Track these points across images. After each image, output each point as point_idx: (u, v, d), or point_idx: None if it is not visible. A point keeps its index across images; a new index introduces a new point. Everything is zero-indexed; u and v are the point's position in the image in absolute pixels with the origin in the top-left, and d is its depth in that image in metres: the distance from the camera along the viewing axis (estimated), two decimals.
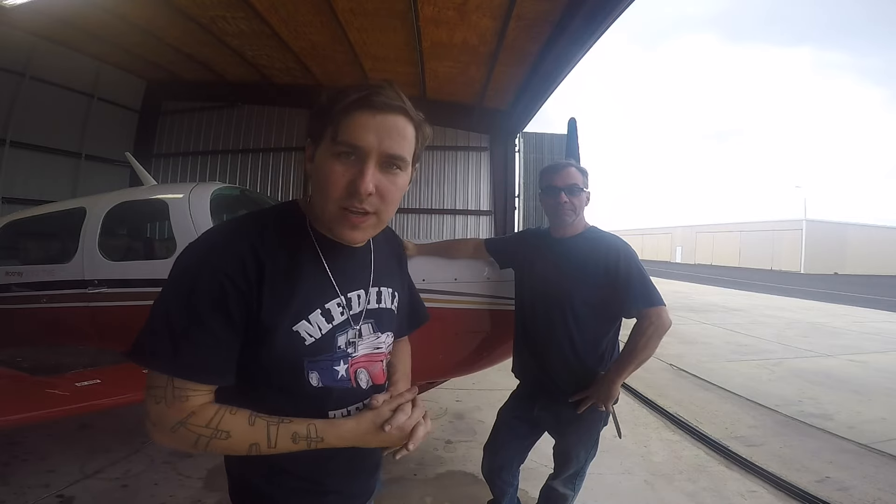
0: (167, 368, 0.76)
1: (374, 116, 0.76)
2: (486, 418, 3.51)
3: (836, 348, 6.73)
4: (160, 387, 0.77)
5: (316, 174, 0.80)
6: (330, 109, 0.78)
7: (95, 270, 2.78)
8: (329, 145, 0.78)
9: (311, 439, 0.81)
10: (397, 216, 9.08)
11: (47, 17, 6.20)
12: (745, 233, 38.67)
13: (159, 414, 0.77)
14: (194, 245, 0.81)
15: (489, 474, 2.08)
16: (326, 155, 0.79)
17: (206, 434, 0.77)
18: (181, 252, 0.80)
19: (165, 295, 0.78)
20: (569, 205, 1.77)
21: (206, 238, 0.82)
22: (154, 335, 0.77)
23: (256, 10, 5.97)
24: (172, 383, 0.76)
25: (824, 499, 2.62)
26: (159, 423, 0.77)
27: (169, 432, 0.77)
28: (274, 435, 0.79)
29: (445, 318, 2.30)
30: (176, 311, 0.76)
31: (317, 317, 0.84)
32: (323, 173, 0.78)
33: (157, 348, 0.76)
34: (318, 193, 0.80)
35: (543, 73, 6.38)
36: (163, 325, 0.76)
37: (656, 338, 1.67)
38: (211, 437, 0.77)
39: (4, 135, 6.92)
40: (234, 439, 0.78)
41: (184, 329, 0.75)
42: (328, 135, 0.78)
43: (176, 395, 0.76)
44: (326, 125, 0.79)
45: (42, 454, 2.91)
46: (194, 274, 0.77)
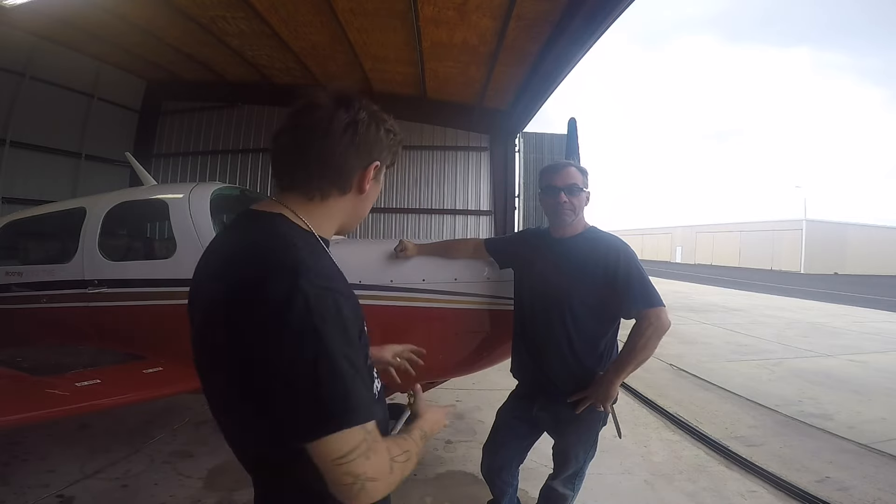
0: (366, 416, 0.71)
1: None
2: (485, 418, 3.50)
3: (836, 348, 6.73)
4: (362, 442, 0.69)
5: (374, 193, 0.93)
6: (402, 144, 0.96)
7: (95, 270, 2.78)
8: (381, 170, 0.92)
9: (424, 434, 0.94)
10: (397, 216, 9.13)
11: (47, 17, 6.19)
12: (745, 233, 38.65)
13: (376, 468, 0.71)
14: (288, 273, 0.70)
15: (488, 474, 2.08)
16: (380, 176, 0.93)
17: (402, 460, 0.80)
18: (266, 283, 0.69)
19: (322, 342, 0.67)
20: (568, 205, 1.77)
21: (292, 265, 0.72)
22: (352, 390, 0.69)
23: (256, 10, 5.97)
24: (366, 429, 0.70)
25: (824, 499, 2.62)
26: (380, 476, 0.72)
27: (388, 477, 0.74)
28: (417, 441, 0.90)
29: (445, 318, 2.31)
30: (350, 350, 0.71)
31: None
32: (379, 186, 0.94)
33: (362, 398, 0.71)
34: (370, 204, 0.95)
35: (543, 73, 6.37)
36: (351, 371, 0.69)
37: (655, 338, 1.67)
38: (403, 466, 0.80)
39: (4, 135, 6.92)
40: (410, 462, 0.83)
41: (361, 368, 0.73)
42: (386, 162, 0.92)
43: (375, 439, 0.72)
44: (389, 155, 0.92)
45: (42, 454, 2.91)
46: (335, 308, 0.71)
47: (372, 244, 2.26)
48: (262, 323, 0.68)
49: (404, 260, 2.30)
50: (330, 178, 0.85)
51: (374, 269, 2.35)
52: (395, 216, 9.14)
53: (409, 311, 2.30)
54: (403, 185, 9.11)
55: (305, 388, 0.67)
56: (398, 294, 2.30)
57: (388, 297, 2.31)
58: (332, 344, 0.68)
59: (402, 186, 9.11)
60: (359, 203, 0.92)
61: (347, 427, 0.68)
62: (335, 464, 0.68)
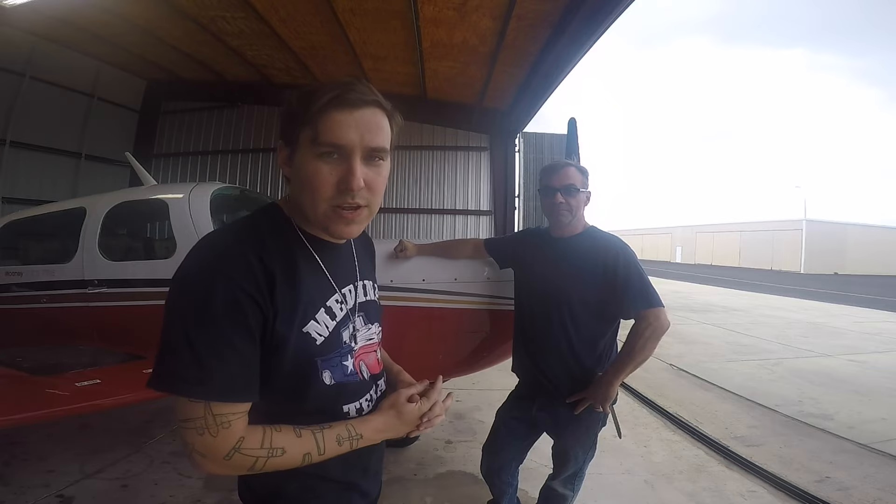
0: (203, 394, 0.73)
1: (351, 113, 0.78)
2: (485, 418, 3.50)
3: (836, 348, 6.73)
4: (198, 417, 0.73)
5: (300, 177, 0.80)
6: (304, 111, 0.78)
7: (95, 270, 2.78)
8: (309, 147, 0.78)
9: (352, 438, 0.84)
10: (397, 216, 9.13)
11: (47, 17, 6.19)
12: (745, 233, 38.65)
13: (207, 445, 0.74)
14: (196, 257, 0.77)
15: (488, 475, 2.08)
16: (309, 157, 0.79)
17: (263, 455, 0.77)
18: (182, 266, 0.76)
19: (178, 313, 0.74)
20: (565, 205, 1.77)
21: (209, 249, 0.78)
22: (179, 359, 0.72)
23: (256, 10, 5.97)
24: (211, 410, 0.73)
25: (824, 499, 2.62)
26: (210, 455, 0.75)
27: (223, 461, 0.75)
28: (321, 441, 0.81)
29: (445, 318, 2.31)
30: (197, 330, 0.72)
31: (322, 315, 0.85)
32: (309, 175, 0.79)
33: (187, 373, 0.72)
34: (307, 195, 0.80)
35: (543, 74, 6.37)
36: (185, 346, 0.72)
37: (654, 339, 1.67)
38: (268, 457, 0.78)
39: (4, 135, 6.92)
40: (288, 454, 0.79)
41: (210, 349, 0.72)
42: (306, 137, 0.79)
43: (219, 423, 0.74)
44: (302, 127, 0.79)
45: (42, 454, 2.91)
46: (207, 288, 0.73)
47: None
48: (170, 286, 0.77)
49: (404, 260, 2.30)
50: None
51: None
52: (395, 216, 9.14)
53: (409, 311, 2.30)
54: (403, 185, 9.11)
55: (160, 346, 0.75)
56: (398, 294, 2.30)
57: (387, 297, 2.30)
58: (178, 318, 0.73)
59: (402, 186, 9.11)
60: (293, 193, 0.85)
61: (176, 394, 0.73)
62: (179, 425, 0.76)
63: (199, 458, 0.75)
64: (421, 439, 3.18)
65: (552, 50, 5.73)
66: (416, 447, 3.14)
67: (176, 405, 0.75)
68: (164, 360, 0.74)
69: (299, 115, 0.79)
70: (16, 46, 6.69)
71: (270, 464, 0.78)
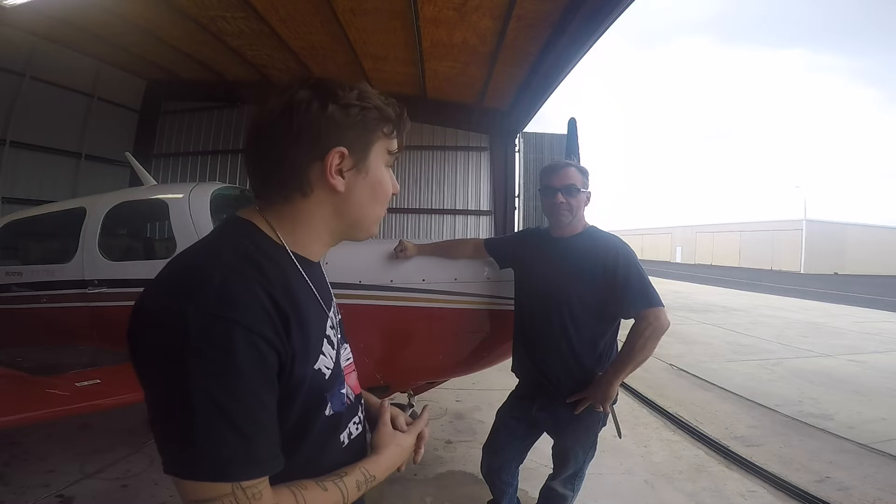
0: (241, 474, 0.59)
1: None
2: (486, 418, 3.50)
3: (836, 348, 6.73)
4: (225, 495, 0.59)
5: (370, 186, 0.76)
6: (390, 121, 0.76)
7: (95, 270, 2.78)
8: (384, 157, 0.77)
9: (368, 481, 0.78)
10: (397, 216, 9.13)
11: (47, 17, 6.19)
12: (745, 233, 38.65)
13: None
14: (194, 302, 0.60)
15: (488, 475, 2.08)
16: (382, 168, 0.77)
17: None
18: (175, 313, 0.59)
19: (194, 377, 0.57)
20: (565, 205, 1.77)
21: (206, 291, 0.61)
22: (212, 436, 0.58)
23: (256, 10, 5.97)
24: (240, 488, 0.59)
25: (824, 499, 2.62)
26: None
27: None
28: (345, 490, 0.73)
29: (445, 318, 2.31)
30: (226, 396, 0.58)
31: (326, 346, 0.76)
32: (384, 184, 0.78)
33: (229, 453, 0.58)
34: (373, 205, 0.77)
35: (543, 74, 6.37)
36: (216, 418, 0.58)
37: (654, 339, 1.67)
38: None
39: (4, 135, 6.91)
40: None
41: (247, 417, 0.60)
42: (382, 147, 0.76)
43: (250, 496, 0.60)
44: (380, 137, 0.75)
45: (42, 454, 2.91)
46: (226, 343, 0.59)
47: (371, 244, 2.26)
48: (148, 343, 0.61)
49: (404, 260, 2.30)
50: (280, 178, 0.72)
51: (373, 269, 2.35)
52: (395, 216, 9.14)
53: (408, 311, 2.30)
54: (403, 185, 9.11)
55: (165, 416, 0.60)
56: (398, 294, 2.30)
57: (387, 297, 2.31)
58: (195, 381, 0.57)
59: (402, 186, 9.10)
60: (341, 205, 0.74)
61: (216, 481, 0.59)
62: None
63: None
64: None
65: (552, 50, 5.73)
66: None
67: (184, 486, 0.60)
68: (189, 439, 0.58)
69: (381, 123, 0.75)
70: (16, 46, 6.69)
71: None
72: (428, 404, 1.02)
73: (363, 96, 0.73)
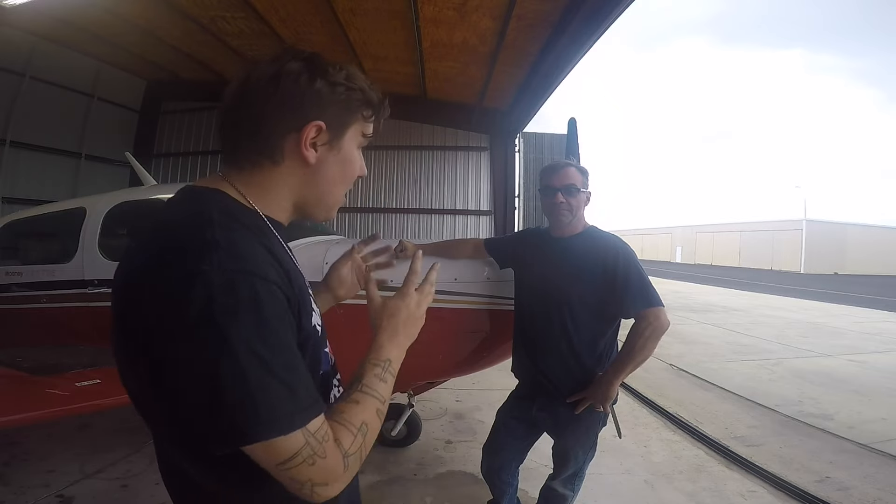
0: (302, 420, 0.60)
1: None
2: (486, 418, 3.50)
3: (837, 348, 6.73)
4: (302, 447, 0.60)
5: (339, 163, 0.77)
6: (372, 105, 0.78)
7: (95, 270, 2.78)
8: (358, 139, 0.79)
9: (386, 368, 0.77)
10: (397, 216, 9.13)
11: (47, 17, 6.19)
12: (745, 233, 38.65)
13: (325, 470, 0.62)
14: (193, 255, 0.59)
15: (488, 475, 2.08)
16: (353, 148, 0.79)
17: (360, 440, 0.67)
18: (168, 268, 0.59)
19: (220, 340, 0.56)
20: (565, 205, 1.77)
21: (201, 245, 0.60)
22: (263, 392, 0.57)
23: (256, 10, 5.97)
24: (310, 432, 0.60)
25: (824, 499, 2.62)
26: (331, 478, 0.63)
27: (343, 475, 0.65)
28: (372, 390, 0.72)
29: (445, 318, 2.30)
30: (266, 349, 0.58)
31: (313, 303, 0.77)
32: (351, 161, 0.79)
33: (281, 406, 0.58)
34: (340, 182, 0.79)
35: (543, 74, 6.38)
36: (263, 373, 0.57)
37: (654, 339, 1.67)
38: (364, 440, 0.68)
39: (4, 135, 6.92)
40: (370, 424, 0.69)
41: (287, 364, 0.61)
42: (358, 129, 0.78)
43: (321, 440, 0.61)
44: (358, 119, 0.77)
45: (42, 454, 2.91)
46: (252, 296, 0.59)
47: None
48: (158, 315, 0.58)
49: (404, 260, 2.30)
50: (253, 144, 0.72)
51: None
52: (395, 216, 9.14)
53: None
54: (403, 185, 9.12)
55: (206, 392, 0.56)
56: None
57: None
58: (238, 341, 0.56)
59: (402, 186, 9.11)
60: (309, 178, 0.75)
61: (271, 435, 0.58)
62: (279, 469, 0.60)
63: (322, 490, 0.63)
64: (421, 439, 3.18)
65: (552, 50, 5.73)
66: (416, 447, 3.14)
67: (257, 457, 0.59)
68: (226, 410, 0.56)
69: (363, 106, 0.76)
70: (16, 46, 6.69)
71: (367, 444, 0.69)
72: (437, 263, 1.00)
73: (350, 77, 0.75)
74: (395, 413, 3.03)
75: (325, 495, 0.63)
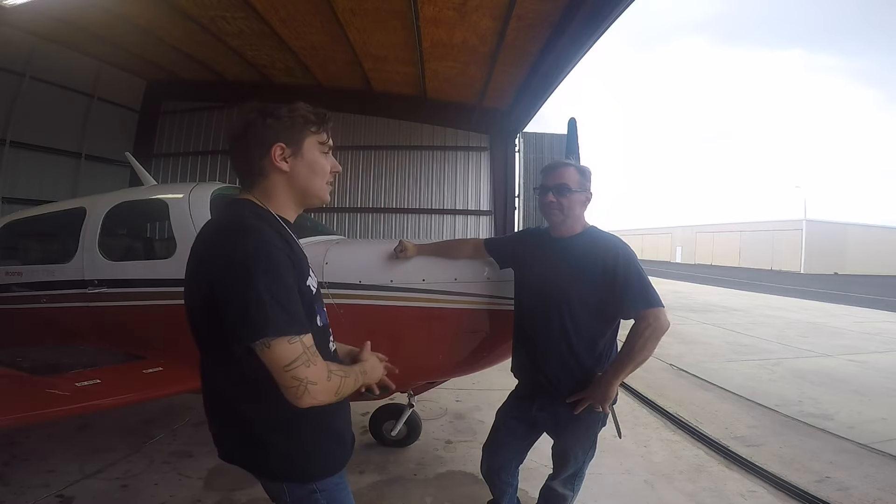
0: (298, 330, 0.97)
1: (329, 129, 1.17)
2: (486, 418, 3.50)
3: (837, 348, 6.72)
4: (301, 353, 0.96)
5: (307, 166, 1.13)
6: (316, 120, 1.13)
7: (95, 270, 2.78)
8: (316, 146, 1.14)
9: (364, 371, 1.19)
10: (397, 216, 9.13)
11: (47, 17, 6.19)
12: (745, 233, 38.63)
13: (315, 373, 0.98)
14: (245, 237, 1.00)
15: (488, 475, 2.08)
16: (316, 153, 1.14)
17: (340, 375, 1.06)
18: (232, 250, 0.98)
19: (255, 277, 0.95)
20: (556, 204, 1.76)
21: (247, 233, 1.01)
22: (268, 309, 0.94)
23: (256, 10, 5.97)
24: (304, 343, 0.98)
25: (824, 499, 2.62)
26: (319, 380, 0.99)
27: (326, 383, 1.01)
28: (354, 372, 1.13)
29: (445, 318, 2.31)
30: (275, 285, 0.96)
31: (310, 273, 1.15)
32: (318, 164, 1.15)
33: (280, 318, 0.95)
34: (315, 177, 1.15)
35: (543, 74, 6.38)
36: (269, 299, 0.95)
37: (654, 339, 1.66)
38: (342, 377, 1.07)
39: (4, 135, 6.92)
40: (349, 378, 1.09)
41: (286, 296, 0.98)
42: (312, 137, 1.13)
43: (314, 353, 0.99)
44: (309, 130, 1.12)
45: (42, 454, 2.91)
46: (265, 255, 0.98)
47: (372, 244, 2.26)
48: (223, 265, 0.98)
49: (404, 260, 2.30)
50: (249, 171, 1.13)
51: (373, 270, 2.35)
52: (395, 216, 9.14)
53: (408, 311, 2.30)
54: (403, 185, 9.12)
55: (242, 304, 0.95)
56: (398, 294, 2.30)
57: (388, 297, 2.31)
58: (259, 280, 0.95)
59: (402, 186, 9.11)
60: (291, 180, 1.13)
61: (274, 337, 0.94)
62: (285, 370, 0.95)
63: (312, 388, 0.97)
64: (421, 439, 3.18)
65: (552, 50, 5.74)
66: (416, 447, 3.14)
67: (271, 358, 0.95)
68: (254, 315, 0.94)
69: (309, 121, 1.12)
70: (16, 46, 6.69)
71: (344, 386, 1.07)
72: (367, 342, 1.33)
73: (293, 109, 1.11)
74: (395, 413, 3.03)
75: (314, 394, 0.98)
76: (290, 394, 0.96)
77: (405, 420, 2.96)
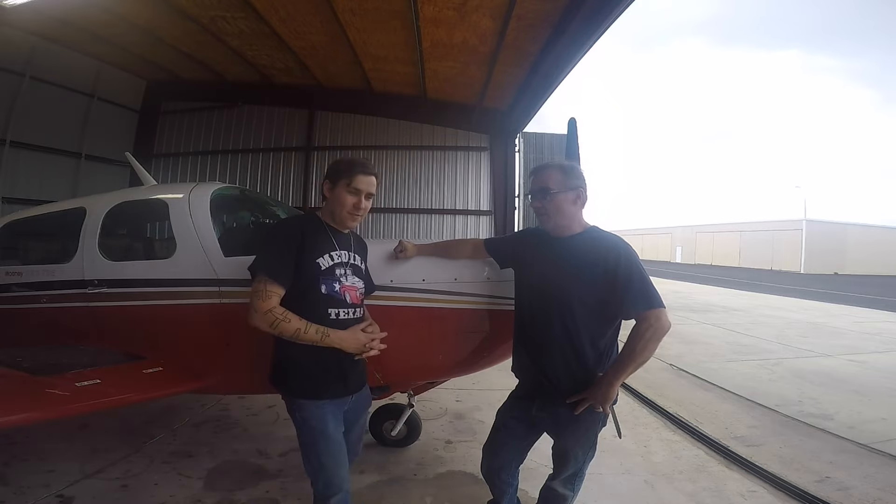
0: (265, 273, 1.63)
1: (366, 177, 1.77)
2: (486, 418, 3.50)
3: (836, 348, 6.72)
4: (261, 289, 1.61)
5: (336, 198, 1.77)
6: (347, 170, 1.75)
7: (95, 270, 2.77)
8: (345, 187, 1.75)
9: (323, 333, 1.64)
10: (397, 216, 9.16)
11: (47, 17, 6.20)
12: (745, 233, 38.63)
13: (259, 304, 1.60)
14: (284, 221, 2.02)
15: (488, 475, 2.08)
16: (343, 191, 1.76)
17: (280, 317, 1.59)
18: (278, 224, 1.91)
19: (267, 240, 1.76)
20: (541, 209, 1.77)
21: (288, 220, 2.02)
22: (261, 256, 1.69)
23: (256, 10, 5.98)
24: (265, 285, 1.61)
25: (824, 499, 2.62)
26: (259, 310, 1.59)
27: (263, 315, 1.59)
28: (307, 326, 1.62)
29: (445, 318, 2.30)
30: (272, 244, 1.72)
31: (325, 256, 1.73)
32: (342, 199, 1.76)
33: (260, 261, 1.67)
34: (339, 206, 1.77)
35: (543, 74, 6.38)
36: (264, 252, 1.70)
37: (655, 340, 1.66)
38: (280, 321, 1.59)
39: (4, 135, 6.93)
40: (290, 324, 1.60)
41: (273, 252, 1.68)
42: (343, 181, 1.75)
43: (268, 293, 1.61)
44: (343, 177, 1.75)
45: (42, 454, 2.91)
46: (282, 229, 1.86)
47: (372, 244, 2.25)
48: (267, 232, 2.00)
49: (404, 260, 2.30)
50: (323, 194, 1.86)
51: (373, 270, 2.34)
52: (395, 216, 9.15)
53: (409, 311, 2.30)
54: (403, 185, 9.12)
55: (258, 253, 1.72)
56: (398, 294, 2.30)
57: (388, 297, 2.30)
58: (266, 245, 1.74)
59: (402, 186, 9.12)
60: (329, 204, 1.81)
61: (254, 277, 1.65)
62: (251, 294, 1.64)
63: (252, 312, 1.61)
64: (421, 439, 3.18)
65: (552, 50, 5.74)
66: (416, 447, 3.14)
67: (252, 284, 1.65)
68: (256, 260, 1.68)
69: (343, 171, 1.76)
70: (16, 46, 6.70)
71: (280, 326, 1.59)
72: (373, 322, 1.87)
73: (337, 162, 1.82)
74: (395, 413, 3.03)
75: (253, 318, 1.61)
76: (251, 308, 1.60)
77: (405, 420, 2.96)
